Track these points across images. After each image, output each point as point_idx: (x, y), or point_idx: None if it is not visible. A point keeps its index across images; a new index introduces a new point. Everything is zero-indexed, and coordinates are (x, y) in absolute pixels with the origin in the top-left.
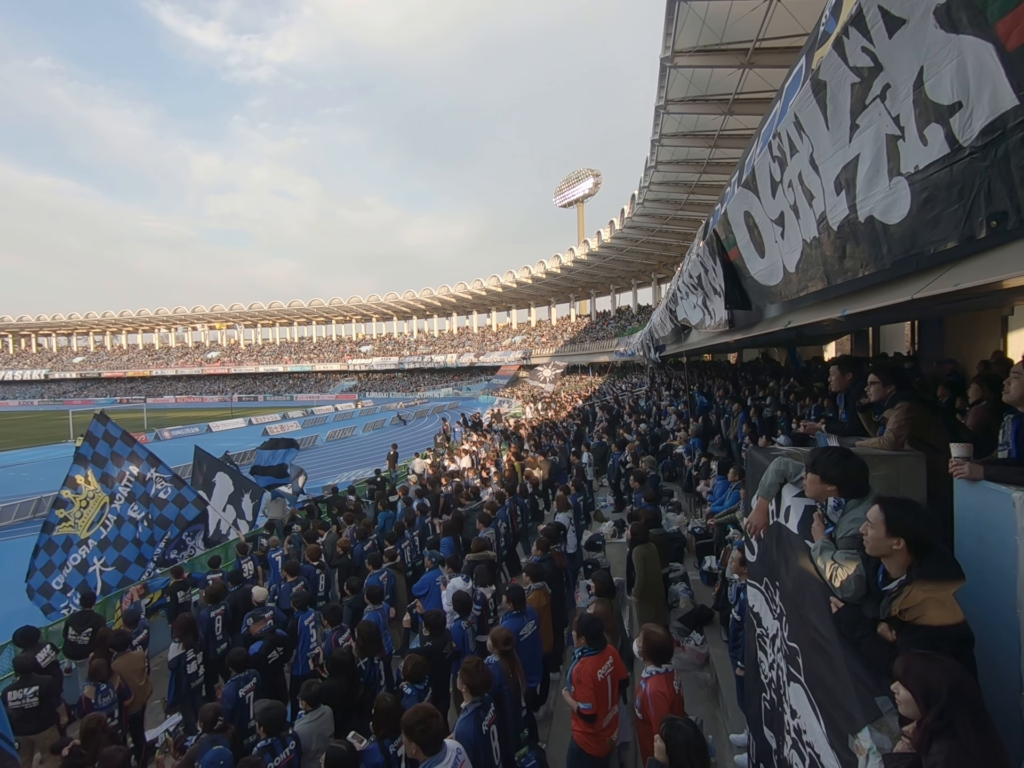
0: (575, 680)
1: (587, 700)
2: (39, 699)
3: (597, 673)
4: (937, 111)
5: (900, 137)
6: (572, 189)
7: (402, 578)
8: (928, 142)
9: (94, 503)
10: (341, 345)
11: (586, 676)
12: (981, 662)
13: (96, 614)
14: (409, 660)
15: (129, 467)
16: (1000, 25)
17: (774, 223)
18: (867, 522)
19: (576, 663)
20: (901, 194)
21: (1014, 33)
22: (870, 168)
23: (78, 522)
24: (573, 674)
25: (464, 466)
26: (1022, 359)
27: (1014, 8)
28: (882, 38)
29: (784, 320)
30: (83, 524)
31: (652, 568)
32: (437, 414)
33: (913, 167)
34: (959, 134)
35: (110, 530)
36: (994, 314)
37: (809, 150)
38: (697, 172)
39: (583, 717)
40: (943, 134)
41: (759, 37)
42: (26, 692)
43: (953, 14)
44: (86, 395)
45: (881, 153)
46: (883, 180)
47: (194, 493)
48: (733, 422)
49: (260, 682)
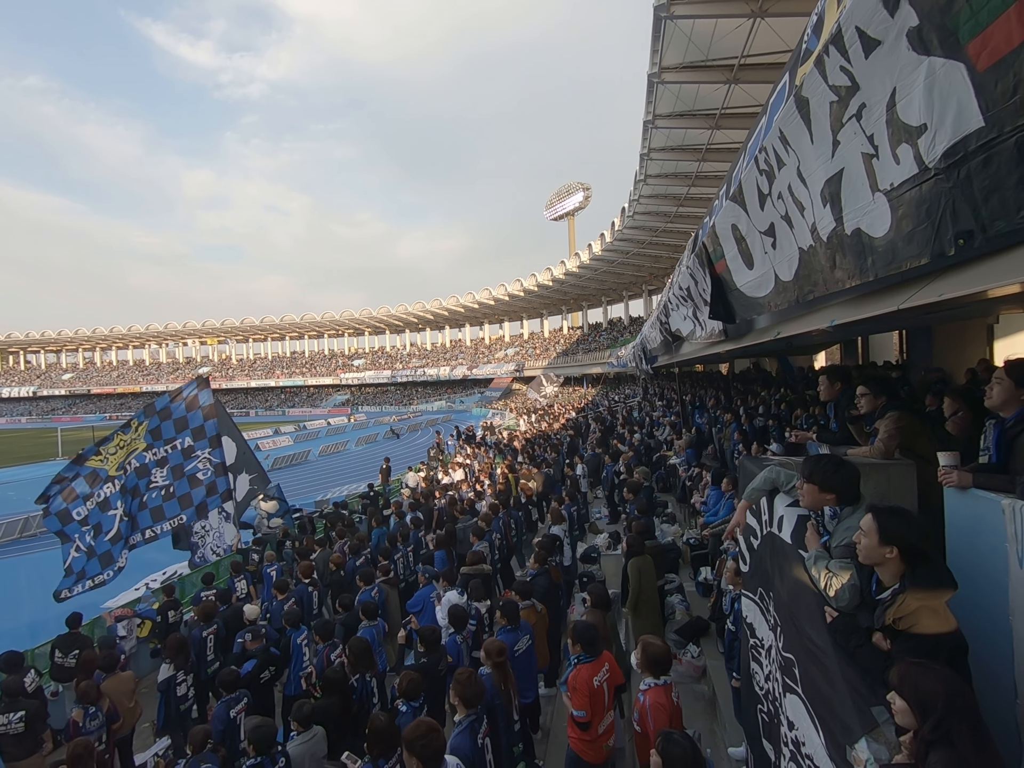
0: (571, 687)
1: (582, 708)
2: (25, 724)
3: (593, 680)
4: (907, 131)
5: (875, 156)
6: (563, 202)
7: (394, 593)
8: (900, 161)
9: (128, 446)
10: (333, 359)
11: (581, 683)
12: (975, 669)
13: (83, 635)
14: (404, 677)
15: (185, 437)
16: (971, 46)
17: (763, 234)
18: (860, 531)
19: (572, 670)
20: (882, 209)
21: (984, 54)
22: (854, 182)
23: (109, 458)
24: (569, 681)
25: (458, 479)
26: (1003, 366)
27: (984, 29)
28: (859, 58)
29: (774, 330)
30: (112, 462)
31: (647, 580)
32: (430, 427)
33: (889, 184)
34: (925, 156)
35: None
36: (980, 323)
37: (796, 163)
38: (686, 185)
39: (578, 724)
40: (912, 155)
41: (744, 54)
42: (11, 717)
43: (924, 36)
44: (75, 412)
45: (860, 170)
46: (867, 194)
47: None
48: (726, 432)
49: (251, 702)
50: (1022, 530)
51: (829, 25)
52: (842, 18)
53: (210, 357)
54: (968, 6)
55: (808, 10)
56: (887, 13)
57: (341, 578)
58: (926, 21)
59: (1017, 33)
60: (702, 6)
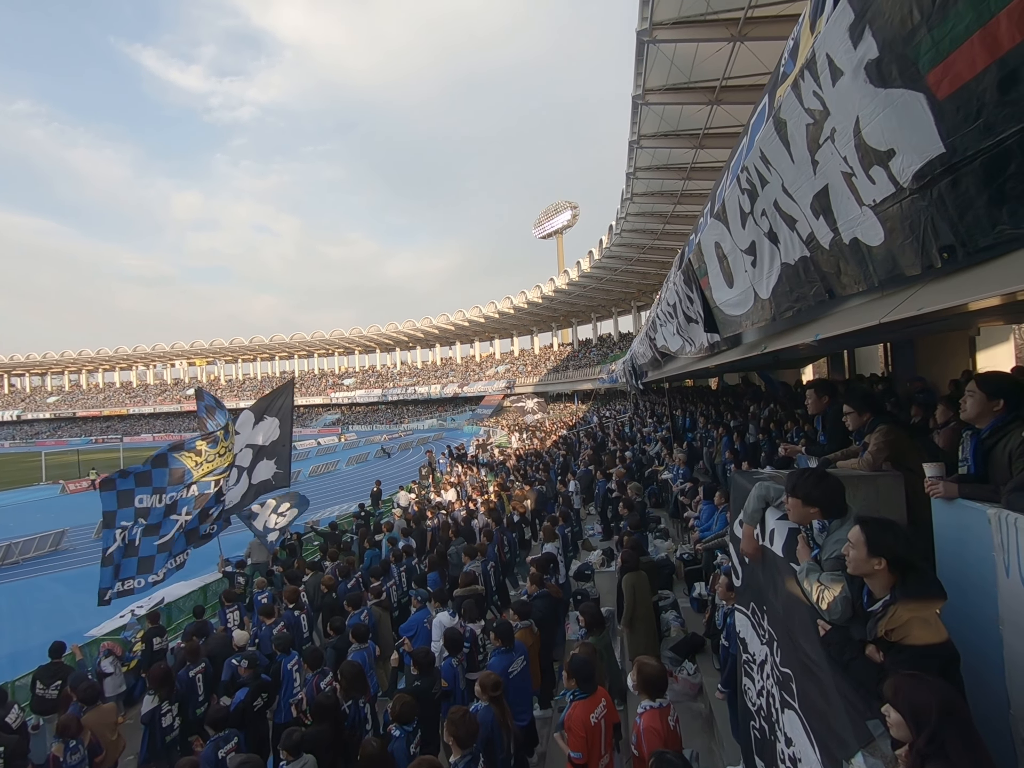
0: (566, 728)
1: (578, 749)
2: (3, 761)
3: (590, 718)
4: (877, 155)
5: (852, 175)
6: (551, 221)
7: (386, 616)
8: (876, 182)
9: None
10: (323, 378)
11: (577, 723)
12: (967, 680)
13: (66, 666)
14: (397, 701)
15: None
16: (931, 75)
17: (744, 252)
18: (848, 543)
19: (568, 709)
20: (872, 220)
21: (944, 83)
22: (841, 197)
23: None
24: (565, 721)
25: (450, 499)
26: (975, 379)
27: (945, 58)
28: (828, 85)
29: (761, 345)
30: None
31: (642, 597)
32: (421, 446)
33: (872, 200)
34: (898, 176)
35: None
36: (962, 335)
37: (780, 181)
38: (672, 203)
39: (575, 767)
40: (886, 175)
41: (725, 76)
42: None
43: (884, 68)
44: (60, 435)
45: (844, 186)
46: (854, 208)
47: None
48: (716, 446)
49: (241, 741)
50: (1008, 540)
51: (805, 50)
52: (816, 44)
53: (198, 378)
54: (929, 36)
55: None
56: (851, 43)
57: (333, 601)
58: (886, 52)
59: (980, 59)
60: (683, 30)
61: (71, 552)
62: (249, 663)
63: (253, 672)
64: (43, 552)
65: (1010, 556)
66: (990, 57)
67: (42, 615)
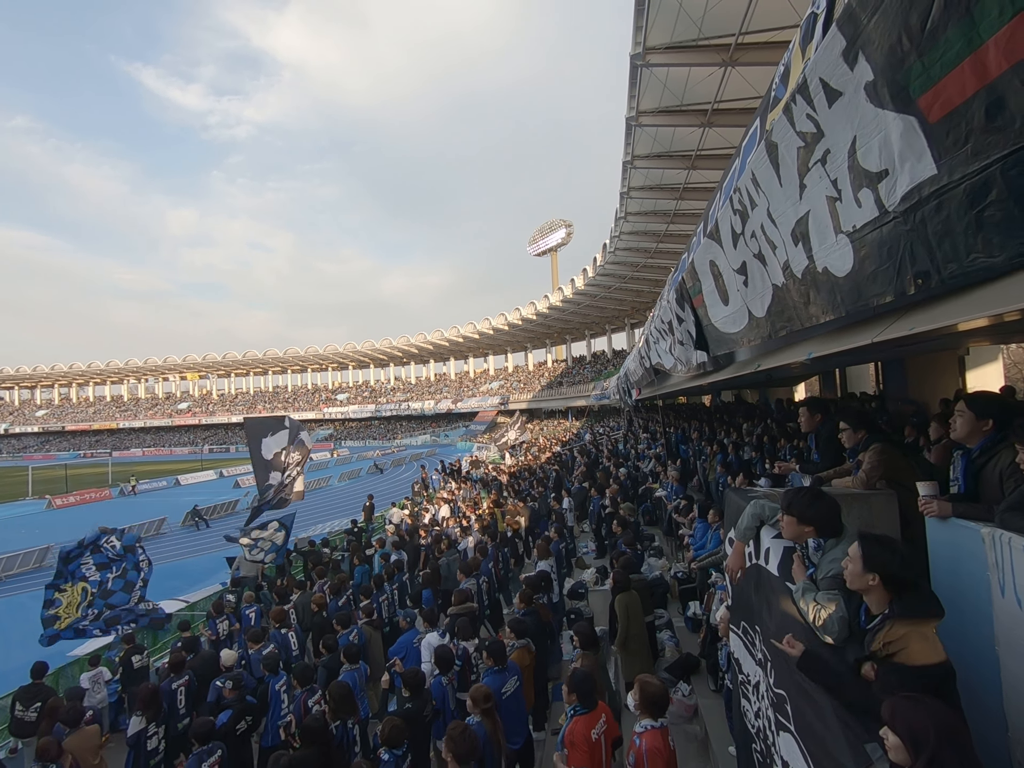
0: (568, 743)
1: (582, 764)
2: None
3: (591, 733)
4: (867, 177)
5: (838, 199)
6: (545, 239)
7: (377, 635)
8: (861, 205)
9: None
10: (317, 394)
11: (579, 738)
12: (965, 701)
13: (46, 686)
14: (387, 724)
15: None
16: (922, 100)
17: (736, 272)
18: (848, 556)
19: (568, 724)
20: (845, 249)
21: (935, 107)
22: (819, 224)
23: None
24: (566, 736)
25: (443, 515)
26: (963, 399)
27: (936, 83)
28: (823, 107)
29: (754, 363)
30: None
31: (635, 617)
32: (415, 462)
33: (851, 226)
34: (885, 199)
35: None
36: (951, 355)
37: (766, 204)
38: (665, 222)
39: None
40: (872, 199)
41: (716, 99)
42: None
43: (878, 91)
44: (48, 449)
45: (825, 212)
46: (830, 235)
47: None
48: (711, 463)
49: (225, 755)
50: (1003, 559)
51: (795, 75)
52: (807, 69)
53: (190, 392)
54: (920, 62)
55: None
56: (847, 67)
57: (324, 619)
58: (879, 76)
59: (970, 84)
60: (675, 55)
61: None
62: (234, 684)
63: (238, 694)
64: (27, 569)
65: (1004, 575)
66: (979, 83)
67: (23, 634)
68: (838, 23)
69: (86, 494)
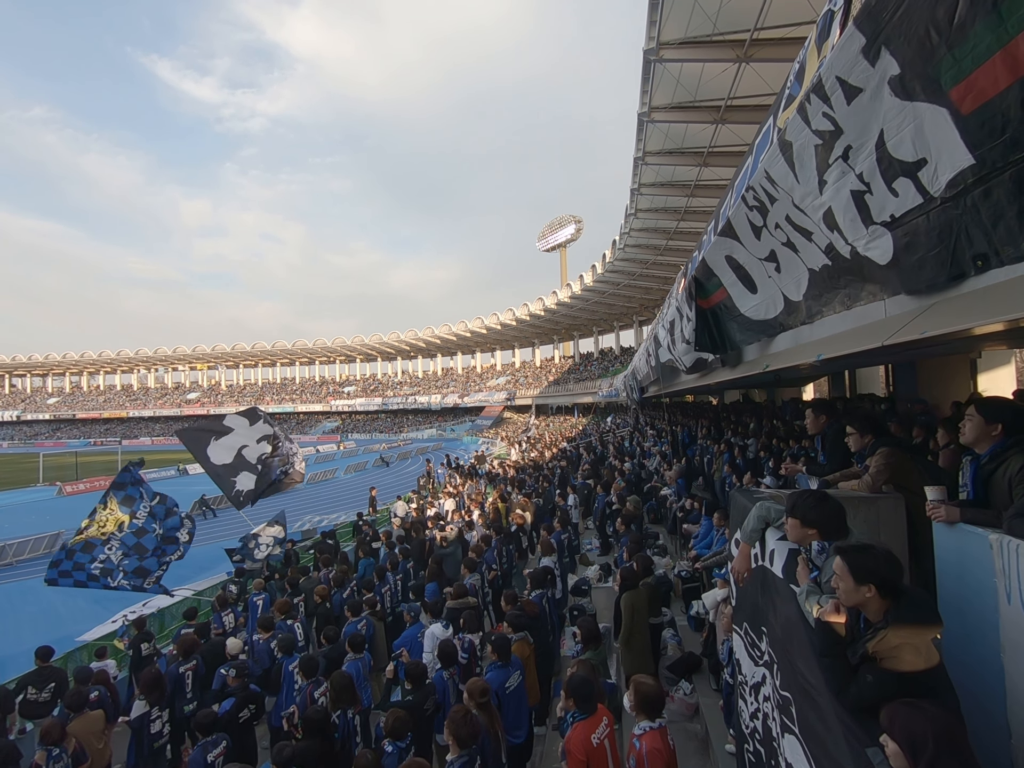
0: (567, 750)
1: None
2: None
3: (591, 739)
4: (903, 167)
5: (867, 192)
6: (555, 234)
7: (381, 626)
8: (899, 194)
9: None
10: (324, 386)
11: (576, 746)
12: (968, 708)
13: (58, 669)
14: (391, 715)
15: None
16: (954, 92)
17: (764, 261)
18: (835, 574)
19: (568, 731)
20: (883, 239)
21: (968, 99)
22: (846, 217)
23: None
24: (565, 744)
25: (449, 508)
26: (973, 403)
27: (968, 76)
28: (841, 105)
29: (762, 363)
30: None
31: (640, 616)
32: (420, 455)
33: (889, 216)
34: (928, 186)
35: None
36: (963, 358)
37: (789, 198)
38: (675, 219)
39: None
40: (913, 187)
41: (730, 96)
42: None
43: (907, 84)
44: (59, 437)
45: (851, 206)
46: (860, 227)
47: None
48: (717, 462)
49: (230, 745)
50: (1010, 566)
51: (810, 73)
52: (822, 69)
53: (199, 383)
54: (951, 55)
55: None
56: (868, 63)
57: (327, 610)
58: (907, 70)
59: (1003, 77)
60: (689, 50)
61: None
62: (237, 672)
63: (241, 682)
64: (37, 554)
65: (1011, 582)
66: (1012, 76)
67: (33, 618)
68: (856, 21)
69: (96, 481)
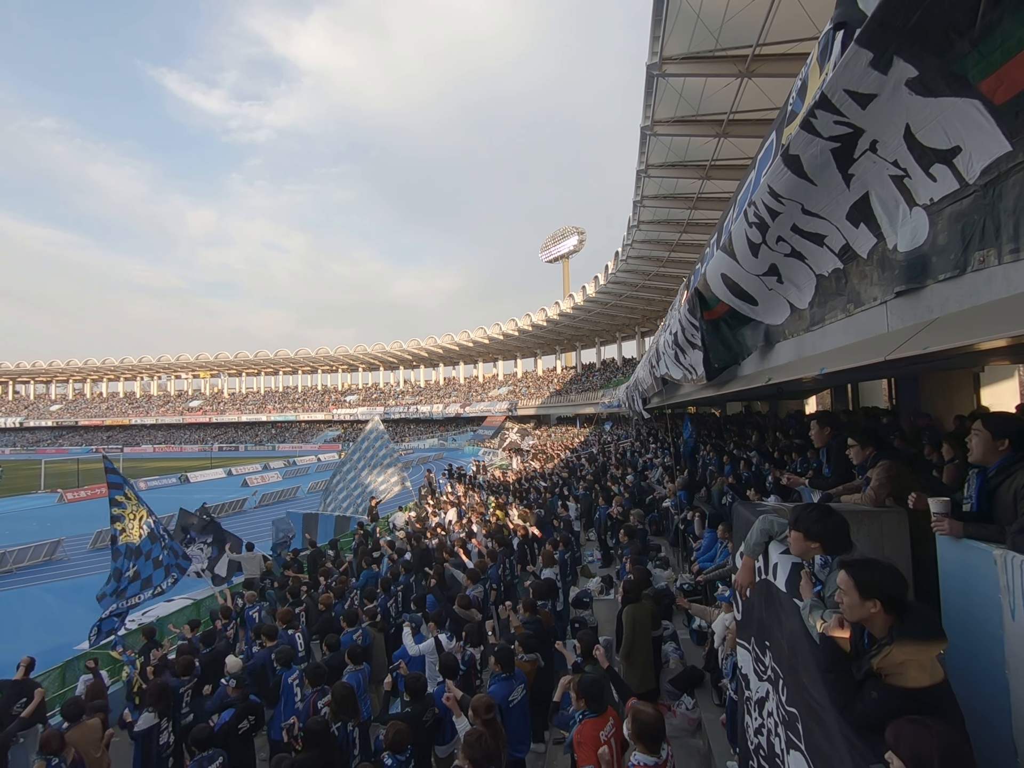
0: (576, 742)
1: (589, 762)
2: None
3: (599, 735)
4: (938, 154)
5: (905, 175)
6: (557, 245)
7: (380, 637)
8: (937, 179)
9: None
10: (326, 394)
11: (587, 737)
12: (973, 724)
13: (32, 682)
14: (391, 728)
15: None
16: (984, 84)
17: (762, 277)
18: (839, 590)
19: (577, 726)
20: (920, 220)
21: (1000, 90)
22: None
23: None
24: (575, 736)
25: (450, 519)
26: (980, 418)
27: (998, 68)
28: (855, 111)
29: (764, 376)
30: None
31: (642, 629)
32: (422, 465)
33: (929, 199)
34: (964, 173)
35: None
36: (966, 373)
37: (797, 207)
38: (678, 231)
39: None
40: (951, 173)
41: (732, 110)
42: None
43: (929, 83)
44: (61, 444)
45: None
46: (903, 209)
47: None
48: (717, 478)
49: (226, 762)
50: (1014, 581)
51: (812, 90)
52: (826, 87)
53: (202, 391)
54: (976, 51)
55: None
56: (879, 73)
57: (330, 619)
58: (926, 71)
59: None
60: (692, 65)
61: (66, 563)
62: (238, 683)
63: (241, 693)
64: (37, 561)
65: (1016, 598)
66: None
67: (32, 626)
68: (859, 40)
69: (97, 488)
